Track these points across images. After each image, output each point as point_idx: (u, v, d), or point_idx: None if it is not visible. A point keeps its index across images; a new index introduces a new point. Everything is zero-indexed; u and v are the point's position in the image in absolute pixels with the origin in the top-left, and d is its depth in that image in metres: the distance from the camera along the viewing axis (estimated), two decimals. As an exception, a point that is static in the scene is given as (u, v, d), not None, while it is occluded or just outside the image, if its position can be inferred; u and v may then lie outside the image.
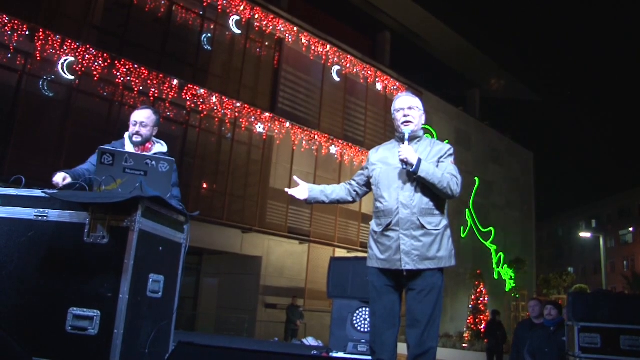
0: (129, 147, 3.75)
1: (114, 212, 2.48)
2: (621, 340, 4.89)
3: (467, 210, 25.35)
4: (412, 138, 3.31)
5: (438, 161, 3.22)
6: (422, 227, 3.11)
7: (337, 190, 3.54)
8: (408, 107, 3.34)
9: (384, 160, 3.35)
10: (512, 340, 7.04)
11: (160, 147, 3.88)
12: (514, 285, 25.28)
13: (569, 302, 5.41)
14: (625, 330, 4.89)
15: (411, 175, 3.13)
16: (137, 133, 3.72)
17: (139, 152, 3.67)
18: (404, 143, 3.21)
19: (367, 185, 3.48)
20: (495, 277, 26.11)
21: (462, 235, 24.80)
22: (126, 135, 3.84)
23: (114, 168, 2.69)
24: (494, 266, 26.36)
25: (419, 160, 3.10)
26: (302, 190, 3.53)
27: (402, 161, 3.13)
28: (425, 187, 3.13)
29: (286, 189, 3.71)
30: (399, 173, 3.21)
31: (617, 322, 4.94)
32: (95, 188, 2.69)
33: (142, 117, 3.74)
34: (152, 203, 2.60)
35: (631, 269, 44.26)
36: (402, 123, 3.31)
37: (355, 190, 3.54)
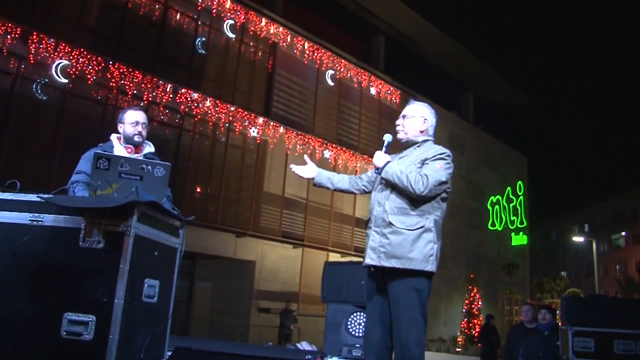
0: (119, 149, 3.70)
1: (109, 217, 2.47)
2: (615, 345, 4.91)
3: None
4: (410, 144, 3.42)
5: (423, 162, 3.26)
6: (391, 224, 3.15)
7: (343, 181, 3.65)
8: (402, 116, 3.47)
9: None
10: (505, 345, 7.05)
11: (149, 147, 3.86)
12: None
13: (562, 306, 5.43)
14: (618, 334, 4.91)
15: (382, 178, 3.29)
16: (140, 133, 3.72)
17: (132, 154, 3.65)
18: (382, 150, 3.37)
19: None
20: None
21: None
22: (114, 136, 3.80)
23: (110, 173, 2.68)
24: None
25: (386, 164, 3.23)
26: (309, 170, 3.61)
27: (373, 165, 3.31)
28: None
29: (291, 166, 3.76)
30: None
31: (610, 327, 4.96)
32: (90, 192, 2.69)
33: (143, 118, 3.76)
34: (148, 208, 2.59)
35: (623, 273, 44.42)
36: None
37: (363, 185, 3.62)
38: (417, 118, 3.43)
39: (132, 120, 3.72)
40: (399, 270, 3.10)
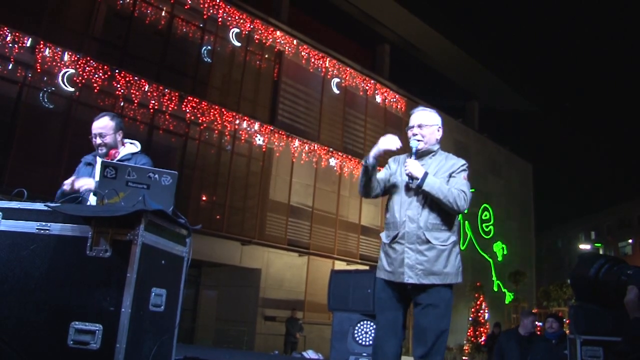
0: (99, 158, 3.70)
1: (116, 226, 2.47)
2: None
3: (467, 222, 25.30)
4: (426, 153, 3.35)
5: (450, 176, 3.25)
6: (428, 241, 3.14)
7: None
8: (417, 125, 3.38)
9: (398, 172, 3.39)
10: (495, 349, 6.99)
11: (132, 147, 3.81)
12: (513, 298, 25.20)
13: (570, 314, 5.39)
14: (627, 343, 4.86)
15: (418, 189, 3.17)
16: (100, 145, 3.67)
17: (108, 160, 3.62)
18: (411, 158, 3.26)
19: (386, 186, 3.42)
20: (495, 289, 26.04)
21: (462, 247, 24.70)
22: None
23: (117, 181, 2.68)
24: (494, 278, 26.27)
25: (425, 174, 3.15)
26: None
27: (408, 175, 3.19)
28: (433, 202, 3.16)
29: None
30: (407, 187, 3.26)
31: (620, 335, 4.91)
32: (98, 201, 2.69)
33: (99, 129, 3.68)
34: (155, 216, 2.59)
35: (631, 281, 44.01)
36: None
37: (380, 189, 3.44)
38: (434, 127, 3.41)
39: (92, 133, 3.70)
40: (433, 285, 3.13)
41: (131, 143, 3.84)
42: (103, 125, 3.69)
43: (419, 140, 3.34)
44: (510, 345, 6.53)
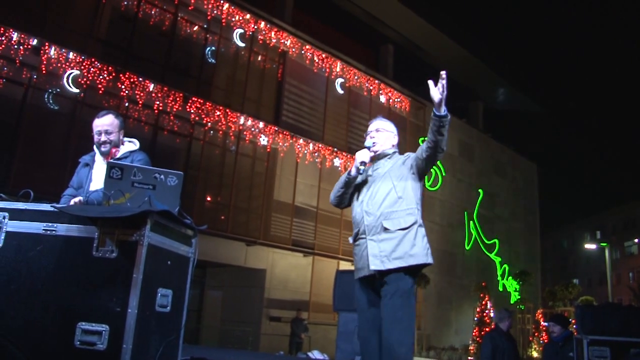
0: (99, 158, 3.72)
1: (122, 226, 2.47)
2: (631, 353, 4.85)
3: (471, 222, 25.19)
4: (382, 156, 3.59)
5: (403, 163, 3.47)
6: (386, 229, 3.26)
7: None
8: (375, 130, 3.66)
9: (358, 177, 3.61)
10: (485, 347, 7.16)
11: (131, 145, 3.82)
12: (519, 297, 25.05)
13: (577, 315, 5.38)
14: (635, 343, 4.85)
15: (377, 184, 3.41)
16: (105, 142, 3.67)
17: (108, 160, 3.61)
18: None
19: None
20: (500, 289, 25.93)
21: (467, 247, 24.63)
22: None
23: (123, 182, 2.68)
24: (499, 278, 26.16)
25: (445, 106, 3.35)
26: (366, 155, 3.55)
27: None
28: (386, 192, 3.35)
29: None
30: (363, 186, 3.50)
31: (626, 335, 4.90)
32: (103, 202, 2.69)
33: (106, 125, 3.68)
34: (161, 217, 2.59)
35: (637, 281, 43.96)
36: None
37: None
38: (390, 133, 3.68)
39: (95, 129, 3.70)
40: (398, 270, 3.19)
41: (130, 141, 3.86)
42: (109, 122, 3.71)
43: (375, 143, 3.60)
44: (504, 342, 6.86)
